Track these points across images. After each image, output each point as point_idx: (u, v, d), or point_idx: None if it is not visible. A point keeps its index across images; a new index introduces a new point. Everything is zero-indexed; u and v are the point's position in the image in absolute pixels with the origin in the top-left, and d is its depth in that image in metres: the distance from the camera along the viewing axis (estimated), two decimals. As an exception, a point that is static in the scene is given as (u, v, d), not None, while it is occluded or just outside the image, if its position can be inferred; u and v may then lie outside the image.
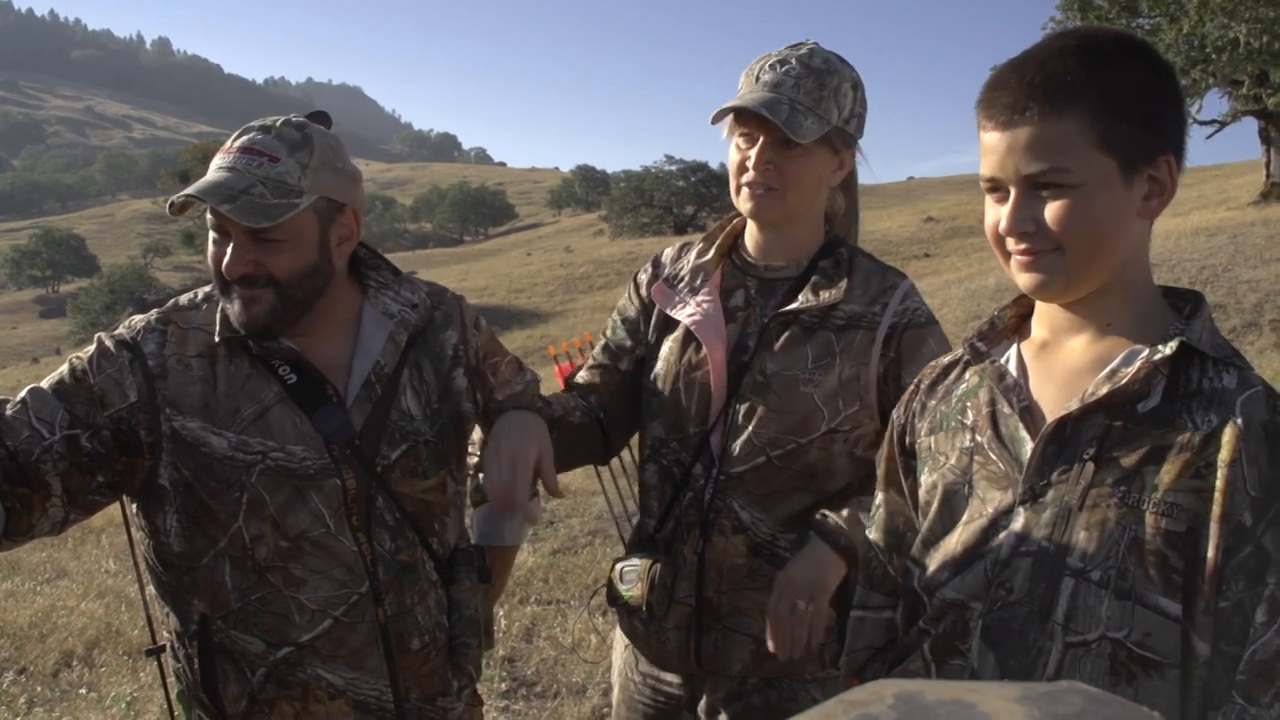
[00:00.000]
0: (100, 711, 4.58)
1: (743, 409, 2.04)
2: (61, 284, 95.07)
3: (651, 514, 2.16)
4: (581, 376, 2.31)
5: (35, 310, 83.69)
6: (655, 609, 2.08)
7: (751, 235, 2.17)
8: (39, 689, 4.89)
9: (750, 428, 2.03)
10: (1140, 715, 0.43)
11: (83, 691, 4.83)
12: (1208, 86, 24.21)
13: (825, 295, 2.04)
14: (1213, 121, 25.74)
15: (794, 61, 2.02)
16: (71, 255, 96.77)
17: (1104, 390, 1.34)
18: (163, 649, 2.09)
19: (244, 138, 1.84)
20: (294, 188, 1.81)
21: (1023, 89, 1.34)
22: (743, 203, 2.07)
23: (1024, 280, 1.40)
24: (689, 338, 2.13)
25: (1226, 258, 13.74)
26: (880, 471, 1.69)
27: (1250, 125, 25.31)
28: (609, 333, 2.32)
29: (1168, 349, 1.33)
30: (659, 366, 2.17)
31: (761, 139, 2.02)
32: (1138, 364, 1.34)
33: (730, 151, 2.09)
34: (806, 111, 1.99)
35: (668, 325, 2.20)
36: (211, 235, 1.85)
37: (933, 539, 1.51)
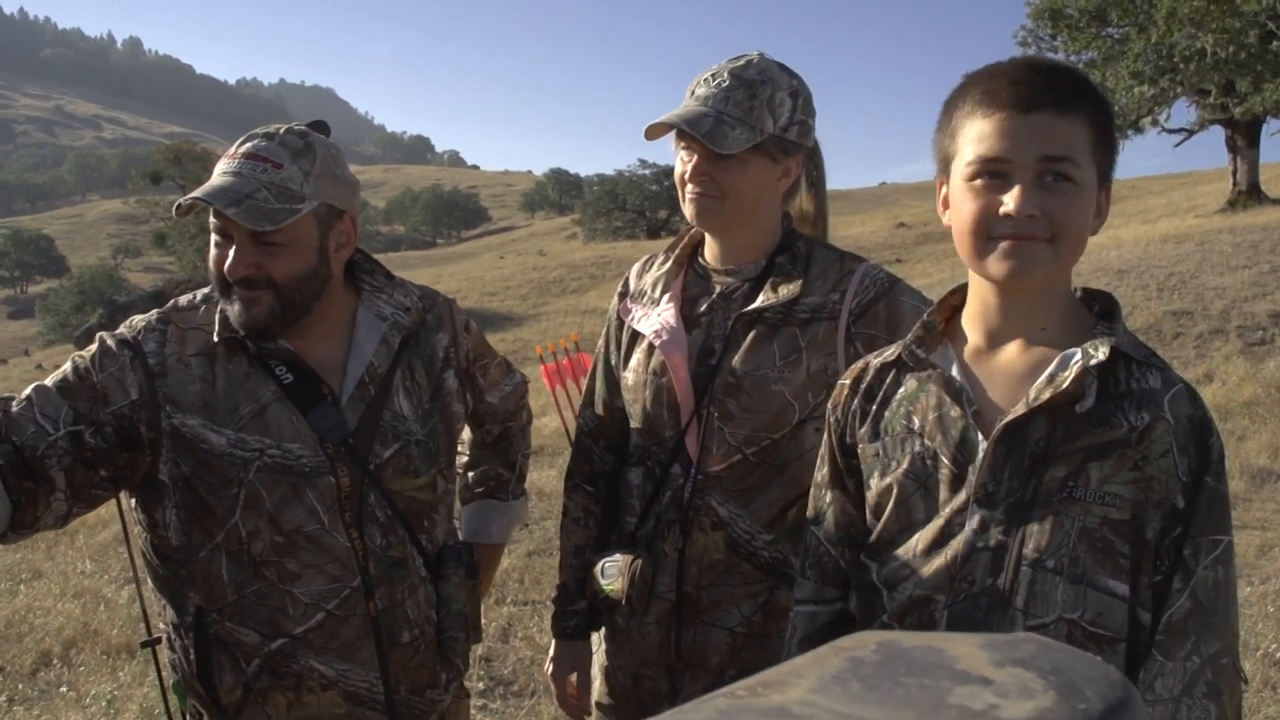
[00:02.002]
0: (80, 710, 4.60)
1: (717, 410, 2.09)
2: (30, 285, 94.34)
3: (633, 513, 2.21)
4: (590, 418, 2.36)
5: (3, 311, 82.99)
6: (635, 604, 2.13)
7: (708, 242, 2.23)
8: (19, 687, 4.91)
9: (726, 428, 2.08)
10: (1084, 659, 0.51)
11: (62, 690, 4.85)
12: (1176, 95, 24.53)
13: (785, 290, 2.08)
14: (1181, 130, 26.07)
15: (726, 74, 2.07)
16: (40, 256, 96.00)
17: (1046, 395, 1.44)
18: (158, 640, 2.14)
19: (248, 144, 1.90)
20: (297, 193, 1.86)
21: (1040, 80, 1.42)
22: (686, 210, 2.13)
23: (1005, 267, 1.44)
24: (653, 346, 2.19)
25: (1194, 264, 13.92)
26: (825, 471, 1.74)
27: (1218, 134, 25.67)
28: (603, 358, 2.36)
29: (1100, 354, 1.44)
30: (630, 377, 2.23)
31: (697, 151, 2.07)
32: (1074, 369, 1.44)
33: (676, 164, 2.15)
34: (735, 122, 2.03)
35: (636, 335, 2.26)
36: (214, 238, 1.90)
37: (889, 538, 1.59)
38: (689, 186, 2.09)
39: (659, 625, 2.16)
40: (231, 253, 1.87)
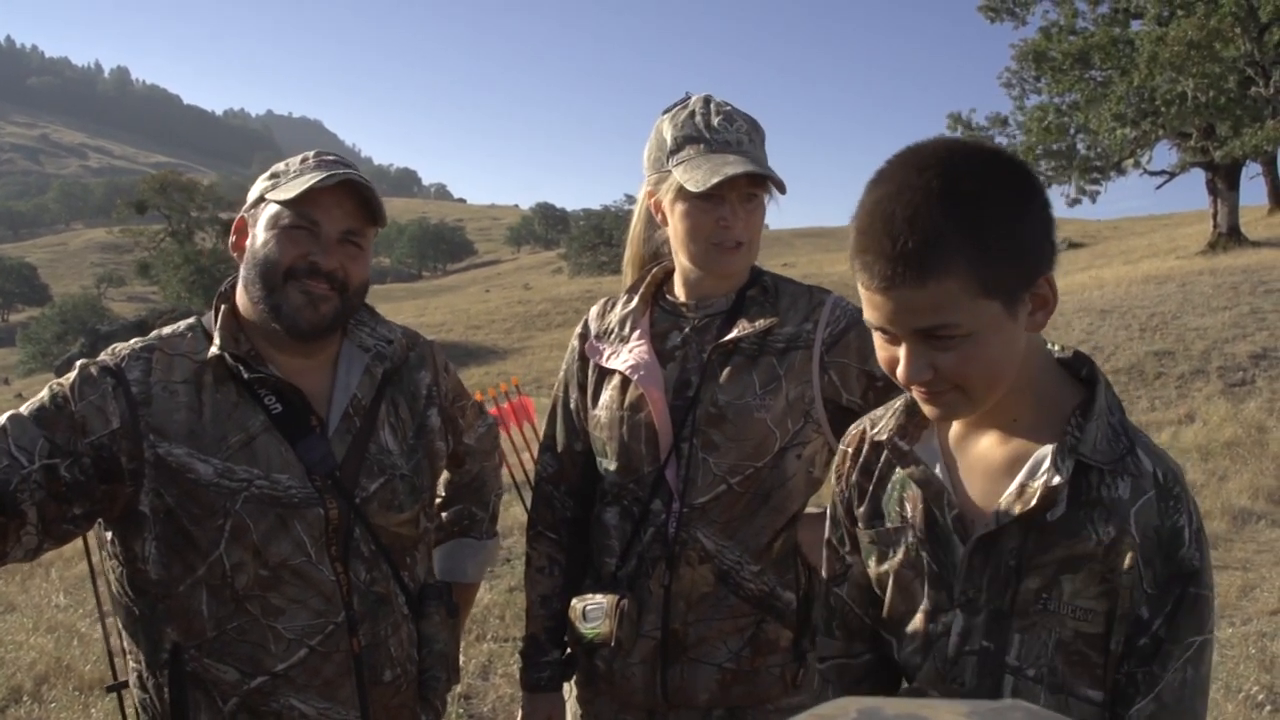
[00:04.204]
0: (51, 747, 4.54)
1: (699, 441, 2.08)
2: (11, 313, 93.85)
3: (612, 553, 2.18)
4: (549, 463, 2.34)
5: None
6: (625, 644, 2.10)
7: (683, 281, 2.22)
8: (-12, 724, 4.83)
9: (710, 458, 2.08)
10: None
11: (33, 727, 4.78)
12: (1157, 138, 24.80)
13: (761, 322, 2.11)
14: (1162, 172, 26.37)
15: (738, 117, 2.11)
16: (22, 284, 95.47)
17: (1016, 509, 1.42)
18: (124, 685, 2.08)
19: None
20: None
21: (896, 255, 1.30)
22: (712, 262, 2.11)
23: (929, 411, 1.46)
24: (626, 382, 2.17)
25: (1175, 305, 14.02)
26: (841, 534, 1.72)
27: (1198, 176, 25.94)
28: (562, 402, 2.34)
29: (1065, 470, 1.40)
30: (602, 415, 2.21)
31: (732, 197, 2.06)
32: (1040, 484, 1.41)
33: (684, 217, 2.10)
34: (765, 163, 2.09)
35: (604, 374, 2.24)
36: (285, 227, 1.89)
37: (897, 618, 1.59)
38: (722, 234, 2.08)
39: (644, 665, 2.13)
40: (321, 248, 1.89)
